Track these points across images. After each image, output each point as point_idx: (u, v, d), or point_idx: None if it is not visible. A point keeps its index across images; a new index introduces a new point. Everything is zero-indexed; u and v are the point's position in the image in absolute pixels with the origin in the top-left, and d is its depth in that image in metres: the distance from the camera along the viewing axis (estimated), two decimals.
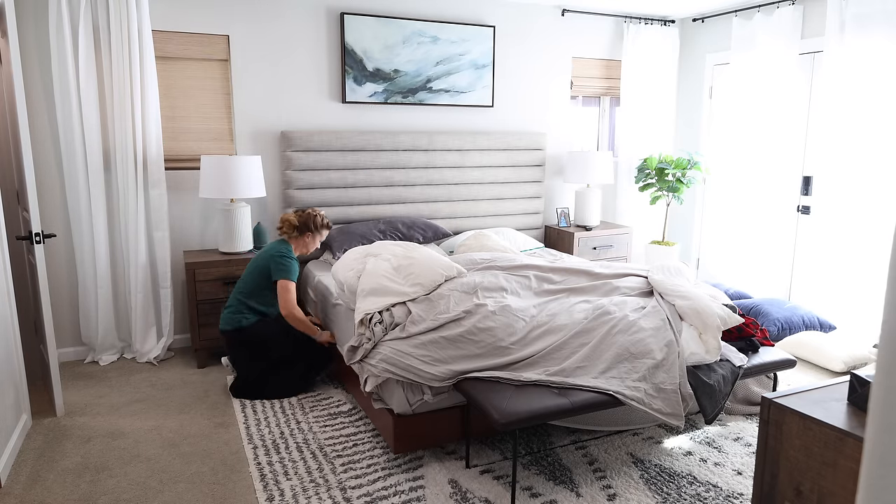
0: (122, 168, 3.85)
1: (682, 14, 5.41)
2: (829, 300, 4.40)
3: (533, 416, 2.34)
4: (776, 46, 4.62)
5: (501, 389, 2.52)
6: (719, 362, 2.79)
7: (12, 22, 2.86)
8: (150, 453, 2.84)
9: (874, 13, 3.95)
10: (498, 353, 2.75)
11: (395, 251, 3.42)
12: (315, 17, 4.34)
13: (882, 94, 3.98)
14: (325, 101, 4.46)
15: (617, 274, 3.45)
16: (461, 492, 2.53)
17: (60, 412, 3.22)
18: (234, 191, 3.84)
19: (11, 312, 2.93)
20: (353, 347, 2.91)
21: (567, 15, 5.18)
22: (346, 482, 2.60)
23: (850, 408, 1.79)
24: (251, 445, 2.90)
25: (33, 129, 3.76)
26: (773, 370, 2.95)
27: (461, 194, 4.86)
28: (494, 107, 5.02)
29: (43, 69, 3.74)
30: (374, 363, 2.74)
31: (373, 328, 2.87)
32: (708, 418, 2.63)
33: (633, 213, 5.61)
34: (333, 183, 4.41)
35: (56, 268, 3.93)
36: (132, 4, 3.71)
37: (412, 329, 2.85)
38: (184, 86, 4.10)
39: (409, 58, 4.59)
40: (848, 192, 4.23)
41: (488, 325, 2.83)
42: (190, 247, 4.25)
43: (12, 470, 2.68)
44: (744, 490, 2.57)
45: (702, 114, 5.50)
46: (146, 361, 3.98)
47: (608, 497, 2.51)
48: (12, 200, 3.67)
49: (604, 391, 2.51)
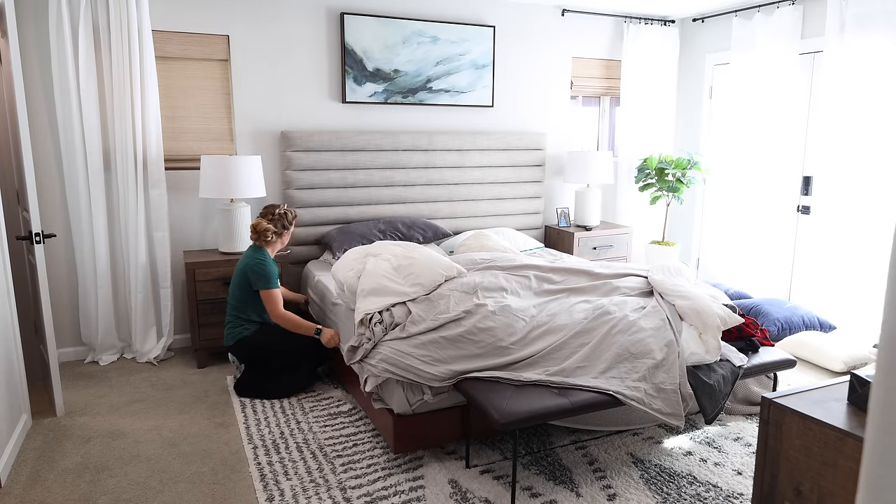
0: (122, 168, 3.85)
1: (682, 14, 5.41)
2: (829, 300, 4.40)
3: (533, 416, 2.34)
4: (776, 46, 4.62)
5: (501, 389, 2.52)
6: (719, 362, 2.79)
7: (12, 22, 2.86)
8: (150, 453, 2.84)
9: (874, 13, 3.95)
10: (498, 353, 2.75)
11: (394, 251, 3.42)
12: (315, 17, 4.34)
13: (882, 94, 3.98)
14: (325, 101, 4.46)
15: (617, 274, 3.45)
16: (461, 492, 2.53)
17: (60, 412, 3.22)
18: (234, 191, 3.84)
19: (11, 312, 2.93)
20: (353, 347, 2.92)
21: (567, 15, 5.18)
22: (346, 482, 2.60)
23: (850, 408, 1.79)
24: (251, 445, 2.90)
25: (33, 129, 3.76)
26: (773, 370, 2.95)
27: (461, 194, 4.86)
28: (494, 107, 5.02)
29: (43, 69, 3.74)
30: (374, 363, 2.74)
31: (373, 328, 2.87)
32: (708, 418, 2.63)
33: (633, 213, 5.61)
34: (333, 183, 4.41)
35: (56, 268, 3.93)
36: (132, 4, 3.71)
37: (412, 329, 2.85)
38: (184, 86, 4.10)
39: (409, 58, 4.59)
40: (848, 192, 4.23)
41: (488, 325, 2.83)
42: (190, 247, 4.25)
43: (12, 470, 2.69)
44: (744, 490, 2.57)
45: (702, 114, 5.50)
46: (146, 361, 3.99)
47: (608, 497, 2.51)
48: (12, 200, 3.67)
49: (604, 391, 2.51)
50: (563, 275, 3.49)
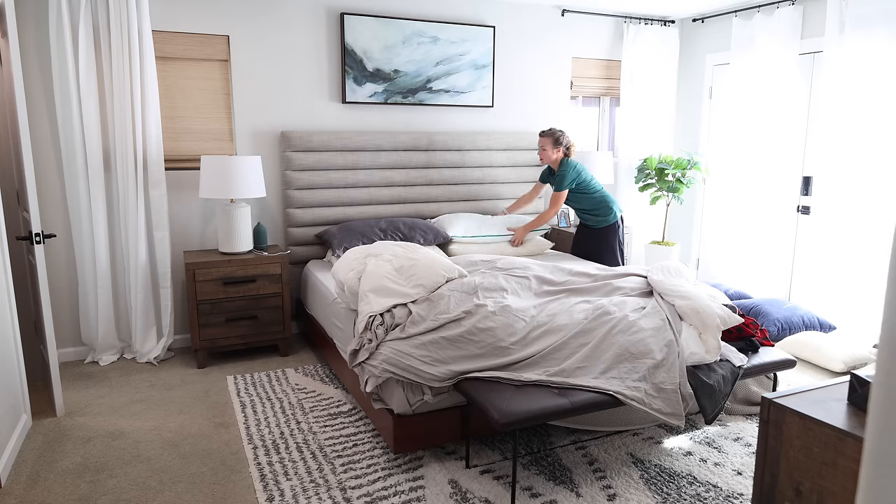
0: (122, 168, 3.85)
1: (682, 14, 5.41)
2: (829, 300, 4.40)
3: (533, 417, 2.34)
4: (776, 47, 4.62)
5: (501, 390, 2.52)
6: (719, 362, 2.79)
7: (12, 22, 2.87)
8: (150, 453, 2.84)
9: (874, 13, 3.95)
10: (498, 353, 2.75)
11: (395, 251, 3.42)
12: (315, 18, 4.34)
13: (882, 95, 3.98)
14: (325, 101, 4.46)
15: (617, 274, 3.45)
16: (461, 492, 2.53)
17: (60, 412, 3.22)
18: (234, 191, 3.84)
19: (11, 312, 2.93)
20: (354, 351, 2.91)
21: (567, 15, 5.18)
22: (346, 482, 2.60)
23: (850, 408, 1.79)
24: (251, 445, 2.90)
25: (33, 129, 3.76)
26: (774, 370, 2.95)
27: (461, 194, 4.86)
28: (494, 107, 5.02)
29: (43, 69, 3.74)
30: (375, 364, 2.74)
31: (375, 330, 2.87)
32: (708, 418, 2.64)
33: (633, 214, 5.61)
34: (333, 183, 4.41)
35: (56, 268, 3.93)
36: (132, 4, 3.71)
37: (412, 329, 2.84)
38: (184, 86, 4.10)
39: (409, 58, 4.59)
40: (848, 192, 4.23)
41: (488, 326, 2.83)
42: (190, 247, 4.25)
43: (12, 470, 2.69)
44: (744, 490, 2.57)
45: (702, 114, 5.50)
46: (146, 361, 3.99)
47: (608, 497, 2.51)
48: (12, 200, 3.67)
49: (604, 391, 2.51)
50: (564, 275, 3.49)
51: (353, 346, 2.91)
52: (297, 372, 3.80)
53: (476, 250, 4.45)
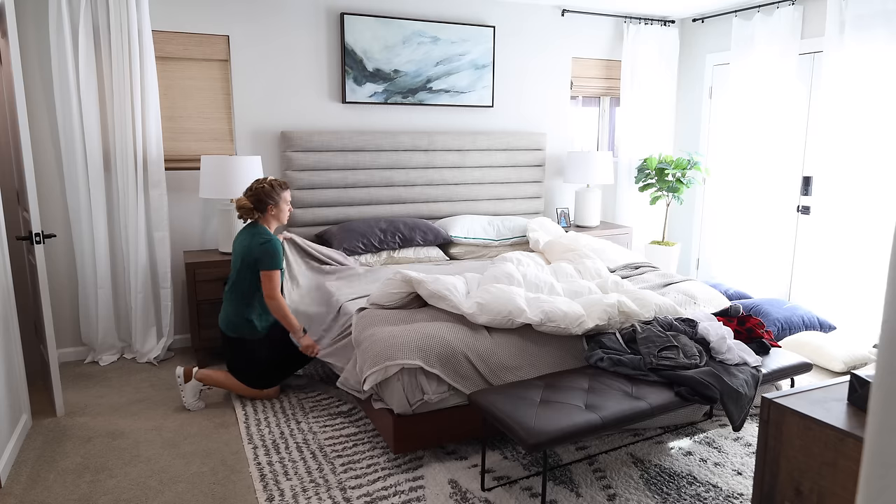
0: (122, 168, 3.85)
1: (682, 14, 5.41)
2: (829, 300, 4.40)
3: (564, 435, 2.25)
4: (776, 47, 4.62)
5: (525, 406, 2.42)
6: (738, 366, 2.78)
7: (12, 22, 2.87)
8: (150, 453, 2.84)
9: (874, 14, 3.95)
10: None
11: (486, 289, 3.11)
12: (315, 18, 4.34)
13: (882, 95, 3.98)
14: (325, 101, 4.46)
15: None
16: (461, 492, 2.53)
17: (60, 412, 3.22)
18: (234, 191, 3.84)
19: (11, 312, 2.93)
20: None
21: (567, 15, 5.18)
22: (346, 482, 2.60)
23: (850, 408, 1.79)
24: (251, 445, 2.90)
25: (33, 129, 3.76)
26: (792, 374, 2.95)
27: (461, 194, 4.86)
28: (494, 107, 5.02)
29: (43, 69, 3.74)
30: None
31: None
32: (736, 424, 2.59)
33: (633, 214, 5.61)
34: (333, 183, 4.41)
35: (56, 268, 3.93)
36: (132, 4, 3.71)
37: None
38: (184, 86, 4.10)
39: (409, 58, 4.59)
40: (848, 192, 4.23)
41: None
42: (190, 247, 4.25)
43: (12, 470, 2.69)
44: (744, 490, 2.57)
45: (702, 114, 5.50)
46: (146, 361, 3.98)
47: (608, 497, 2.51)
48: (12, 200, 3.67)
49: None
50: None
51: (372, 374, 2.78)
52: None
53: (476, 251, 4.45)
